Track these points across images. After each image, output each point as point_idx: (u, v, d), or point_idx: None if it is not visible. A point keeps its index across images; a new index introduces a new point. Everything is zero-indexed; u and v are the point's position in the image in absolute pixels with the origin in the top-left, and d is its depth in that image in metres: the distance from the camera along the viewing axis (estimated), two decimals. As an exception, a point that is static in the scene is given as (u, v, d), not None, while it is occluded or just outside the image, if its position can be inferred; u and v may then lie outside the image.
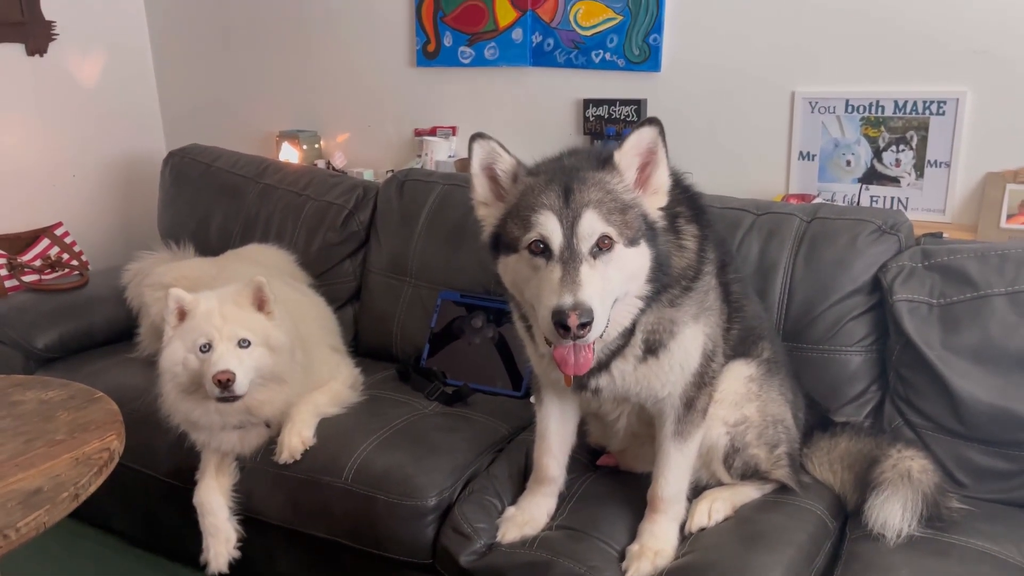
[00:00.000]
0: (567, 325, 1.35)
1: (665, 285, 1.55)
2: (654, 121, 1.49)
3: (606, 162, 1.50)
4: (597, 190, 1.46)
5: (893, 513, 1.69)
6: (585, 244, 1.42)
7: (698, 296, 1.63)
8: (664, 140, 1.50)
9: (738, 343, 1.81)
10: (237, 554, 2.12)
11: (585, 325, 1.35)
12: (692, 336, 1.63)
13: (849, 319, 2.06)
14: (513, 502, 1.89)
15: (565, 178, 1.47)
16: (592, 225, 1.43)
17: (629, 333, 1.57)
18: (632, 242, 1.47)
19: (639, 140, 1.50)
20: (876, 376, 2.07)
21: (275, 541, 2.19)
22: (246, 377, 1.98)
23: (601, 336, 1.46)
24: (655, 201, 1.52)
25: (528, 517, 1.82)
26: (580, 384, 1.63)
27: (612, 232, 1.44)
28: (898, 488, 1.72)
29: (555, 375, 1.66)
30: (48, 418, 1.72)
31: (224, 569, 2.10)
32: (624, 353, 1.60)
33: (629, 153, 1.50)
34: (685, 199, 1.64)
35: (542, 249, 1.44)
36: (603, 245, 1.43)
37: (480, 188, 1.59)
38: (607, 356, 1.59)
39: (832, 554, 1.74)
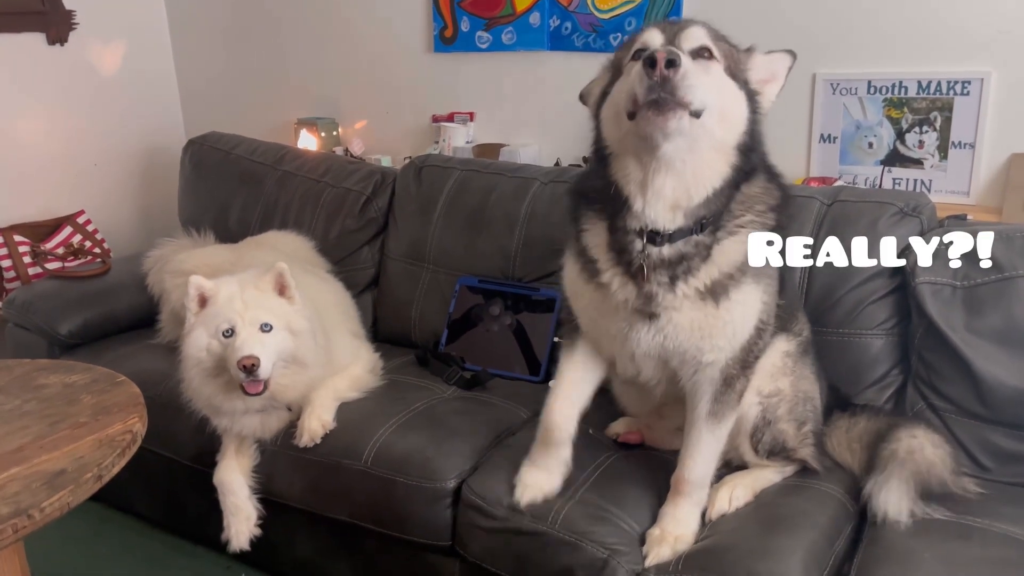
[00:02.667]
0: (654, 59, 1.31)
1: (752, 166, 1.53)
2: (793, 54, 1.55)
3: (747, 48, 1.54)
4: (712, 30, 1.48)
5: (889, 499, 1.68)
6: (687, 44, 1.43)
7: None
8: (790, 71, 1.56)
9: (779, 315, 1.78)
10: (258, 532, 2.15)
11: (672, 64, 1.31)
12: (751, 294, 1.58)
13: (870, 302, 2.04)
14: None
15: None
16: (697, 34, 1.44)
17: (708, 250, 1.52)
18: (734, 76, 1.48)
19: (778, 60, 1.55)
20: (898, 359, 2.05)
21: (296, 523, 2.21)
22: (269, 361, 1.99)
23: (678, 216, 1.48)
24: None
25: (544, 475, 1.79)
26: (646, 298, 1.54)
27: (715, 51, 1.45)
28: (894, 472, 1.71)
29: (614, 303, 1.58)
30: (72, 401, 1.74)
31: (245, 546, 2.13)
32: (694, 273, 1.52)
33: (766, 62, 1.54)
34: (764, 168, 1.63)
35: (644, 54, 1.40)
36: (703, 55, 1.44)
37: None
38: (679, 258, 1.51)
39: (853, 537, 1.73)
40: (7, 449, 1.54)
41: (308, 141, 3.58)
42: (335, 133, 3.68)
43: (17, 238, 3.34)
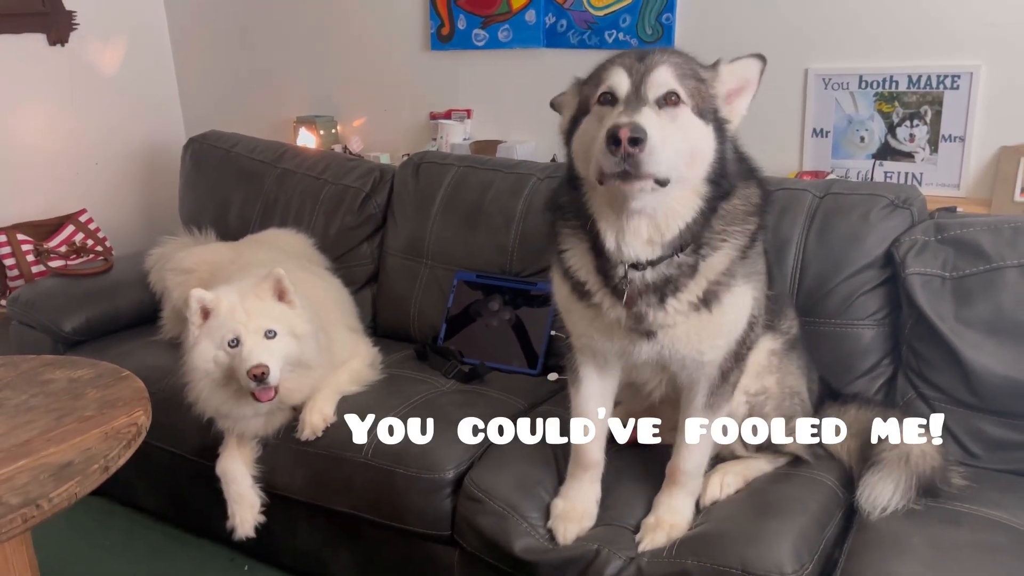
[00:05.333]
0: (618, 138, 1.31)
1: (724, 193, 1.52)
2: (762, 58, 1.54)
3: (712, 64, 1.53)
4: (678, 58, 1.47)
5: (883, 493, 1.70)
6: (652, 92, 1.41)
7: (754, 256, 1.62)
8: (760, 77, 1.55)
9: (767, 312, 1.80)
10: (263, 519, 2.18)
11: (637, 142, 1.31)
12: (742, 295, 1.61)
13: (861, 293, 2.07)
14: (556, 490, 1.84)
15: (644, 49, 1.49)
16: (663, 78, 1.42)
17: (693, 268, 1.53)
18: (701, 114, 1.45)
19: (746, 66, 1.53)
20: (889, 350, 2.08)
21: (297, 515, 2.25)
22: (277, 367, 2.02)
23: (659, 262, 1.48)
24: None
25: (582, 508, 1.77)
26: (637, 319, 1.57)
27: (682, 93, 1.43)
28: (893, 470, 1.73)
29: (607, 322, 1.60)
30: (78, 395, 1.77)
31: (251, 534, 2.16)
32: (682, 289, 1.54)
33: (734, 71, 1.52)
34: (744, 166, 1.64)
35: (610, 100, 1.43)
36: (670, 101, 1.42)
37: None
38: (664, 281, 1.53)
39: (843, 523, 1.76)
40: (15, 442, 1.57)
41: (307, 139, 3.60)
42: (334, 131, 3.70)
43: (20, 237, 3.37)
